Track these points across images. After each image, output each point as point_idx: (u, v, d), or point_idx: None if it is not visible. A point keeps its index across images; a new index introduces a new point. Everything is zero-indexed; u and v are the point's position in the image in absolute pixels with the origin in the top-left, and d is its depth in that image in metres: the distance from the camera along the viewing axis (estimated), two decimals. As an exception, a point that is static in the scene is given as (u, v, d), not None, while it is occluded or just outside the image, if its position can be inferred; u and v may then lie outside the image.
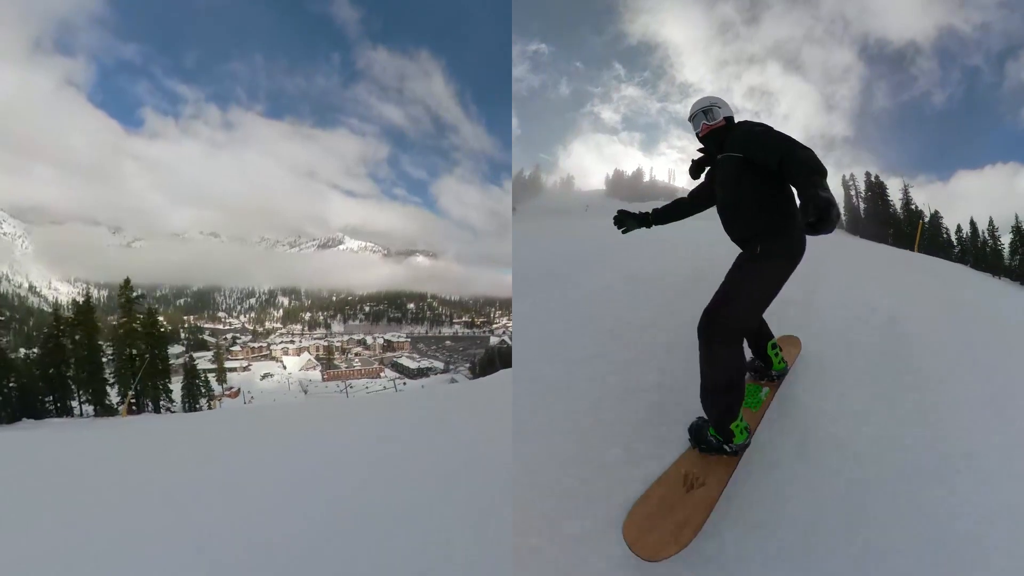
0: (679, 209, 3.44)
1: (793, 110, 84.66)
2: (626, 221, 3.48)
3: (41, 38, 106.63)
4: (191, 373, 27.43)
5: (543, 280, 5.57)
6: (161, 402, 21.86)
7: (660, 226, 3.50)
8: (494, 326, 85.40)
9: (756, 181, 2.70)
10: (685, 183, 3.21)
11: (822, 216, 2.02)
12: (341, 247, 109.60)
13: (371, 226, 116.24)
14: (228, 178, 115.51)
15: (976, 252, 31.75)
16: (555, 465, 2.77)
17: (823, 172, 2.28)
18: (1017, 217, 30.36)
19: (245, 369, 61.95)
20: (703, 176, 3.23)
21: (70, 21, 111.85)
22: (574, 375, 3.62)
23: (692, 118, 3.10)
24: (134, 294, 21.93)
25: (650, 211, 3.51)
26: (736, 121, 3.03)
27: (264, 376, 60.21)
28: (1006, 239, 30.98)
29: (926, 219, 34.17)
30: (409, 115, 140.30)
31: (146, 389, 21.26)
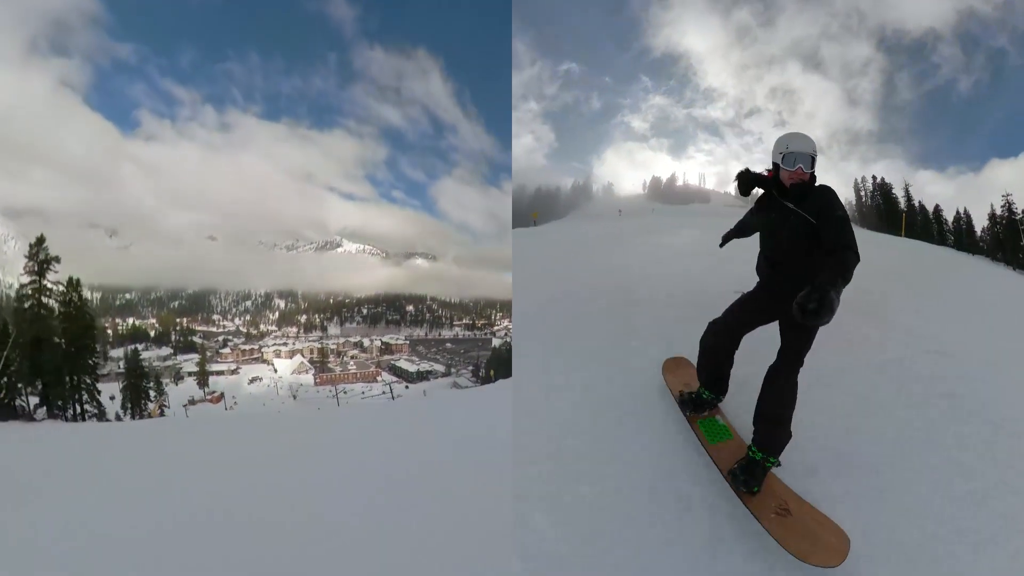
0: (740, 235, 3.82)
1: (816, 108, 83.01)
2: (730, 238, 3.88)
3: (37, 39, 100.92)
4: (134, 373, 21.14)
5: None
6: (87, 406, 15.99)
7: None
8: (495, 328, 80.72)
9: (817, 248, 2.76)
10: (714, 184, 3.48)
11: (819, 310, 2.20)
12: (339, 250, 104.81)
13: (369, 229, 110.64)
14: (225, 181, 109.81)
15: (958, 236, 36.47)
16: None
17: (848, 280, 2.46)
18: (992, 205, 35.44)
19: (233, 372, 56.59)
20: (751, 197, 3.28)
21: (65, 21, 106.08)
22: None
23: (797, 154, 3.02)
24: (45, 256, 15.57)
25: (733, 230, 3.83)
26: (817, 179, 3.07)
27: (252, 380, 54.45)
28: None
29: (930, 212, 39.45)
30: (407, 116, 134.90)
31: (51, 386, 15.21)
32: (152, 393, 21.91)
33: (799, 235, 2.90)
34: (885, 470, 3.10)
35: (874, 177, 44.99)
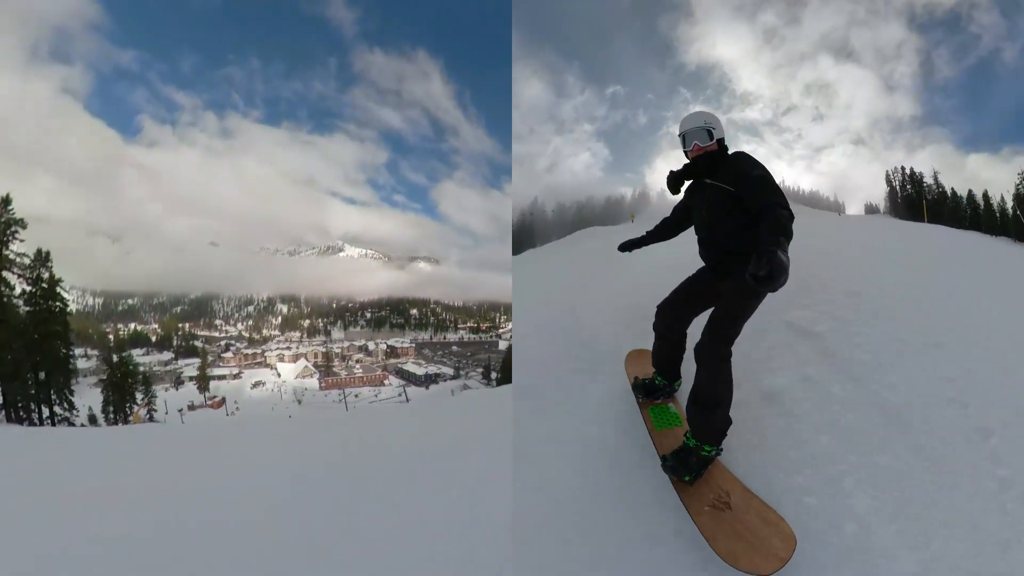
0: (666, 231, 3.40)
1: (853, 98, 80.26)
2: (629, 248, 3.55)
3: (38, 45, 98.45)
4: (117, 373, 17.71)
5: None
6: (56, 408, 12.75)
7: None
8: (500, 331, 79.13)
9: (745, 217, 2.56)
10: None
11: (772, 274, 2.01)
12: (341, 254, 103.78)
13: (371, 233, 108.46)
14: (227, 186, 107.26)
15: (988, 219, 35.38)
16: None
17: (789, 236, 2.27)
18: (1017, 186, 34.39)
19: (235, 377, 53.60)
20: (682, 192, 3.14)
21: (67, 28, 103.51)
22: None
23: (685, 134, 2.93)
24: (8, 219, 12.33)
25: (645, 234, 3.54)
26: (726, 144, 2.92)
27: (255, 384, 51.38)
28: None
29: (963, 197, 38.89)
30: (407, 118, 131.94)
31: (8, 381, 11.97)
32: (139, 396, 18.33)
33: (717, 206, 2.72)
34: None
35: (903, 168, 45.76)
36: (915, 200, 40.37)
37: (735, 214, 2.60)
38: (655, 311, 3.23)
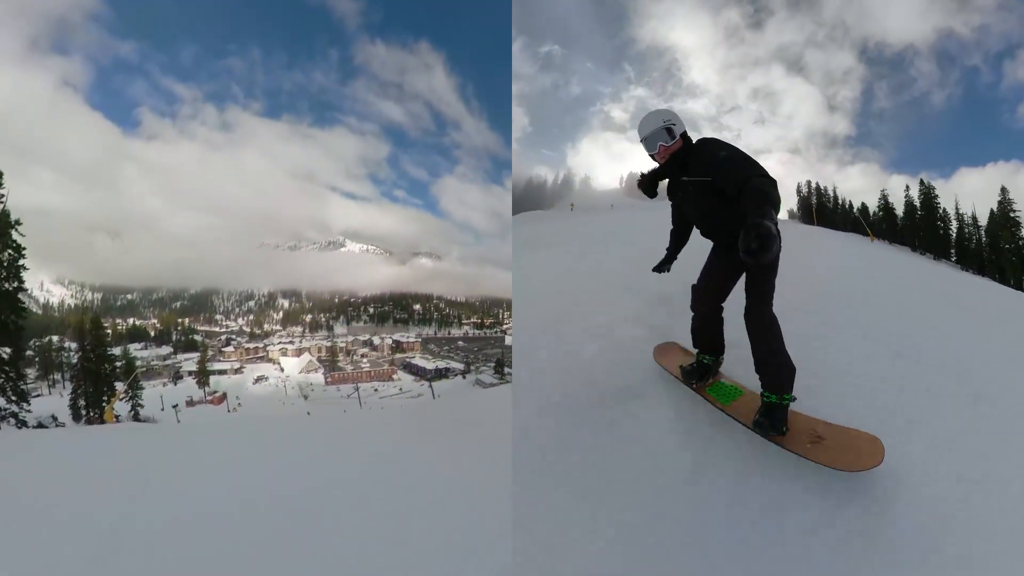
0: (681, 238, 3.38)
1: (796, 110, 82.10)
2: (664, 268, 3.50)
3: (38, 37, 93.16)
4: (90, 358, 13.81)
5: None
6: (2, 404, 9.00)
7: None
8: (505, 326, 76.67)
9: (730, 200, 2.53)
10: None
11: (763, 245, 1.98)
12: (343, 249, 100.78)
13: (372, 229, 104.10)
14: (226, 181, 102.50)
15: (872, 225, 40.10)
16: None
17: (775, 203, 2.20)
18: (878, 200, 43.32)
19: (237, 372, 49.81)
20: (660, 189, 3.09)
21: (67, 19, 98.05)
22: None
23: (647, 138, 2.85)
24: None
25: (667, 251, 3.48)
26: (689, 136, 2.85)
27: (257, 379, 47.39)
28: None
29: (855, 208, 46.61)
30: (409, 112, 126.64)
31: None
32: (121, 387, 14.46)
33: (704, 199, 2.76)
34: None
35: (809, 182, 52.77)
36: (813, 208, 47.70)
37: (723, 201, 2.55)
38: (691, 292, 3.19)
